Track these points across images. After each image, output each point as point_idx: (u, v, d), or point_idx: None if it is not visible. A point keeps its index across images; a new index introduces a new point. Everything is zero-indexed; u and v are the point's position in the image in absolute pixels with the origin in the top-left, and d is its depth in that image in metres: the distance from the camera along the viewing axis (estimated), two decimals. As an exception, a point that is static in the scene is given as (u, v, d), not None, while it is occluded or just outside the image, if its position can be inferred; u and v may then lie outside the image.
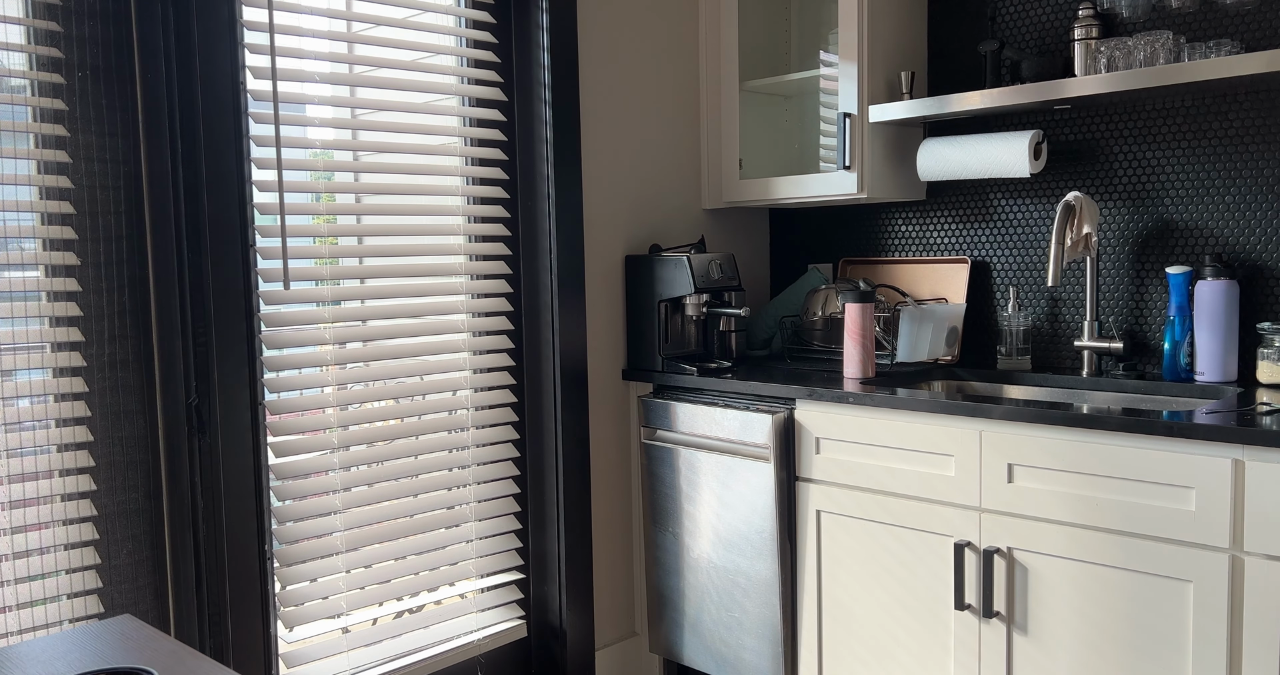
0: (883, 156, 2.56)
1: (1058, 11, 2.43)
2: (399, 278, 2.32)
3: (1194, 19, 2.22)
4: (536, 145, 2.52)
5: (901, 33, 2.58)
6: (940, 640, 2.10)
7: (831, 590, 2.28)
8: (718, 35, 2.81)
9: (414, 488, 2.36)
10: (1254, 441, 1.67)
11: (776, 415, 2.30)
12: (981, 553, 2.01)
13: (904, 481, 2.12)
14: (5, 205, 1.79)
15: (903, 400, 2.11)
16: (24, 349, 1.84)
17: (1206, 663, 1.75)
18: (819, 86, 2.80)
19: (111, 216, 1.92)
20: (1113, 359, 2.36)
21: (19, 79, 1.84)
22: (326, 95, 2.17)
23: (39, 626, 1.84)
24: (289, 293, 2.11)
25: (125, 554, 1.96)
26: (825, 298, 2.65)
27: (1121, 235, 2.39)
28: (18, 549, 1.83)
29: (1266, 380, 2.09)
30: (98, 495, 1.92)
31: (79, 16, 1.87)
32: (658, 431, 2.58)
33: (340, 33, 2.18)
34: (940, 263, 2.68)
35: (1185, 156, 2.28)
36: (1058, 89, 2.20)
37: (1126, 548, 1.83)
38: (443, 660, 2.41)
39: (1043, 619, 1.95)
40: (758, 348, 2.88)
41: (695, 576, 2.52)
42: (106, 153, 1.91)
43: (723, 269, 2.60)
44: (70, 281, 1.87)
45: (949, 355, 2.53)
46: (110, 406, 1.93)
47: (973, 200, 2.62)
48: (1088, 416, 1.86)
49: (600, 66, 2.62)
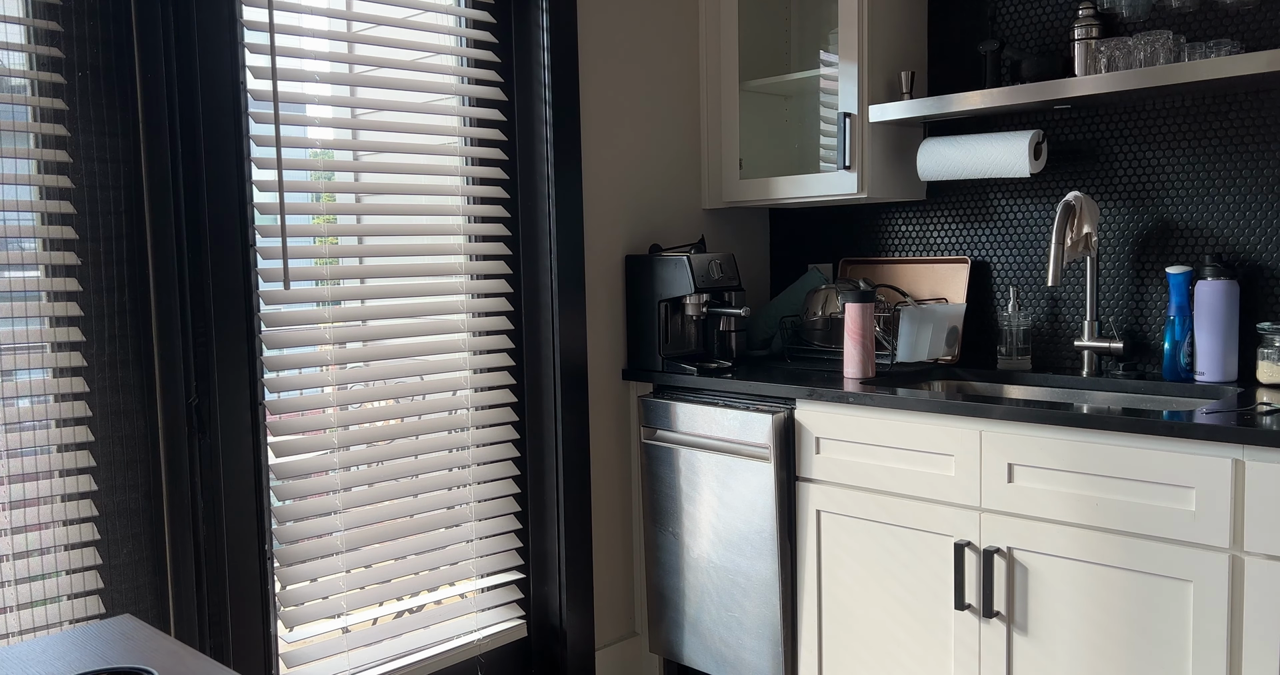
0: (883, 156, 2.56)
1: (1058, 11, 2.43)
2: (399, 278, 2.32)
3: (1194, 19, 2.22)
4: (536, 145, 2.52)
5: (901, 33, 2.58)
6: (940, 640, 2.10)
7: (831, 590, 2.28)
8: (718, 35, 2.81)
9: (414, 488, 2.36)
10: (1254, 441, 1.67)
11: (776, 415, 2.30)
12: (981, 553, 2.01)
13: (904, 481, 2.12)
14: (5, 205, 1.79)
15: (903, 400, 2.11)
16: (24, 349, 1.84)
17: (1206, 663, 1.75)
18: (819, 86, 2.80)
19: (111, 216, 1.92)
20: (1113, 359, 2.36)
21: (19, 79, 1.84)
22: (326, 95, 2.17)
23: (39, 627, 1.84)
24: (289, 292, 2.11)
25: (125, 554, 1.96)
26: (825, 298, 2.65)
27: (1121, 235, 2.39)
28: (18, 549, 1.83)
29: (1266, 380, 2.09)
30: (98, 495, 1.92)
31: (79, 16, 1.87)
32: (658, 431, 2.58)
33: (340, 32, 2.18)
34: (940, 263, 2.68)
35: (1185, 156, 2.28)
36: (1058, 89, 2.20)
37: (1127, 548, 1.83)
38: (443, 660, 2.41)
39: (1043, 619, 1.95)
40: (758, 348, 2.88)
41: (695, 576, 2.52)
42: (106, 153, 1.91)
43: (723, 269, 2.60)
44: (70, 281, 1.87)
45: (949, 355, 2.53)
46: (110, 406, 1.93)
47: (973, 200, 2.62)
48: (1088, 416, 1.86)
49: (600, 66, 2.62)
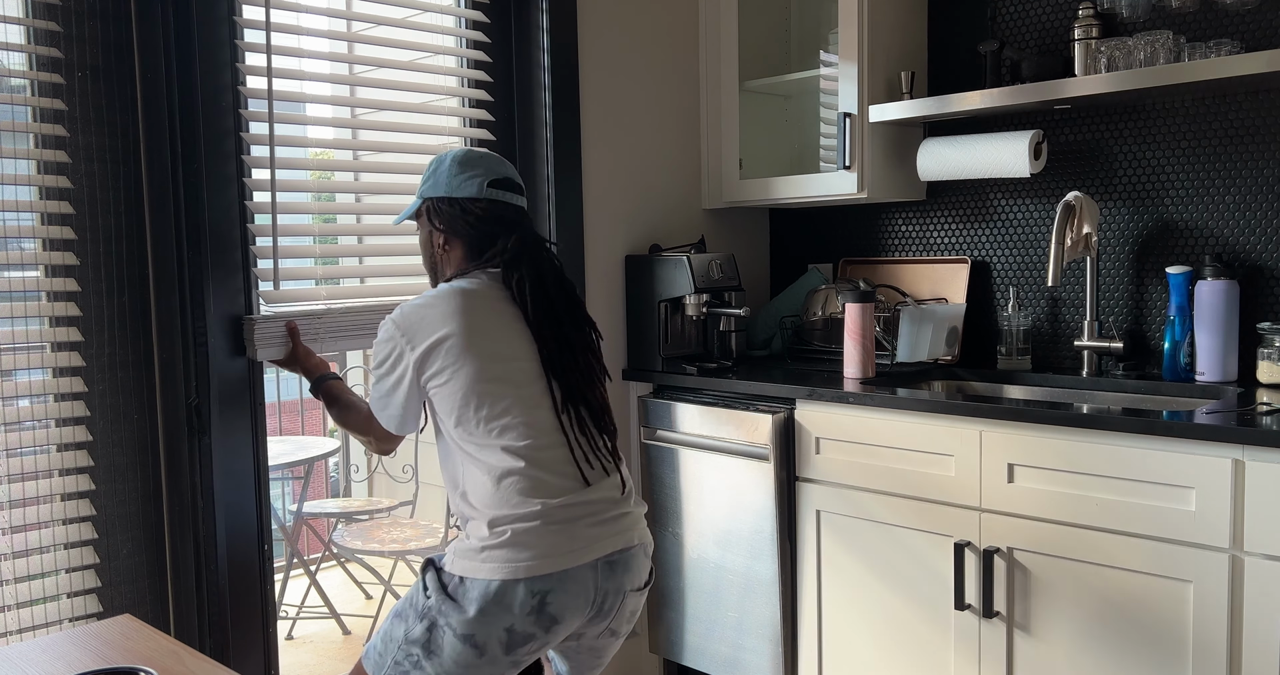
0: (883, 156, 2.56)
1: (1058, 11, 2.43)
2: (399, 277, 2.32)
3: (1194, 19, 2.22)
4: (536, 145, 2.52)
5: (901, 33, 2.58)
6: (940, 641, 2.10)
7: (831, 590, 2.28)
8: (718, 35, 2.81)
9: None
10: (1254, 441, 1.67)
11: (776, 415, 2.30)
12: (982, 553, 2.01)
13: (904, 481, 2.12)
14: (5, 205, 1.79)
15: (903, 400, 2.11)
16: (24, 349, 1.84)
17: (1206, 663, 1.75)
18: (819, 86, 2.80)
19: (111, 216, 1.92)
20: (1113, 359, 2.36)
21: (19, 79, 1.84)
22: (325, 95, 2.17)
23: (38, 626, 1.84)
24: (289, 292, 2.11)
25: (125, 554, 1.96)
26: (825, 298, 2.65)
27: (1121, 235, 2.39)
28: (17, 548, 1.83)
29: (1266, 380, 2.09)
30: (97, 495, 1.92)
31: (79, 16, 1.87)
32: (658, 431, 2.58)
33: (339, 32, 2.18)
34: (940, 263, 2.68)
35: (1185, 156, 2.28)
36: (1058, 89, 2.19)
37: (1127, 548, 1.83)
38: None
39: (1043, 619, 1.95)
40: (758, 348, 2.88)
41: (695, 576, 2.52)
42: (106, 153, 1.91)
43: (723, 269, 2.60)
44: (70, 281, 1.87)
45: (949, 355, 2.53)
46: (110, 406, 1.93)
47: (973, 200, 2.62)
48: (1088, 416, 1.86)
49: (600, 66, 2.62)
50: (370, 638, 1.71)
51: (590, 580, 1.61)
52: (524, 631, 1.57)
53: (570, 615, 1.60)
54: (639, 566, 1.70)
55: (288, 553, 3.71)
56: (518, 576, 1.56)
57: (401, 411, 1.68)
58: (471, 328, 1.63)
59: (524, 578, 1.56)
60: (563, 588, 1.58)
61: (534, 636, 1.58)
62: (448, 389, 1.62)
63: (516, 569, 1.56)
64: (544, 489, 1.60)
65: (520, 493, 1.59)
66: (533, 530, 1.58)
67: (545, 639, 1.60)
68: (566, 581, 1.58)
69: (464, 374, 1.61)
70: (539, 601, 1.56)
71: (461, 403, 1.62)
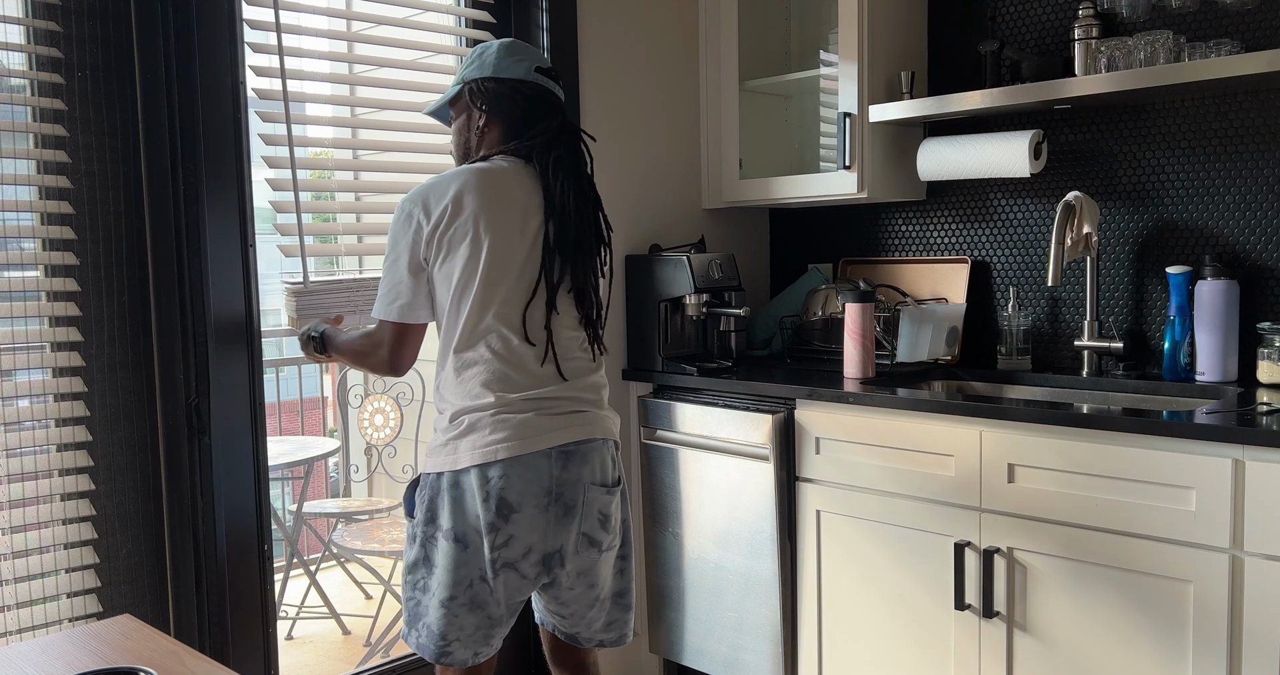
0: (883, 156, 2.56)
1: (1058, 11, 2.43)
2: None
3: (1194, 19, 2.22)
4: (536, 145, 2.52)
5: (901, 33, 2.58)
6: (940, 640, 2.10)
7: (831, 590, 2.28)
8: (718, 35, 2.81)
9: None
10: (1254, 441, 1.67)
11: (776, 415, 2.30)
12: (982, 553, 2.01)
13: (904, 481, 2.12)
14: (5, 205, 1.79)
15: (903, 400, 2.11)
16: (24, 349, 1.84)
17: (1206, 663, 1.75)
18: (819, 86, 2.80)
19: (111, 216, 1.92)
20: (1113, 359, 2.36)
21: (19, 79, 1.84)
22: (326, 94, 2.17)
23: (38, 626, 1.84)
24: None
25: (125, 554, 1.96)
26: (825, 298, 2.65)
27: (1121, 235, 2.39)
28: (17, 548, 1.83)
29: (1266, 380, 2.09)
30: (97, 495, 1.92)
31: (79, 16, 1.87)
32: (658, 431, 2.58)
33: (340, 32, 2.18)
34: (940, 263, 2.68)
35: (1185, 156, 2.28)
36: (1058, 89, 2.19)
37: (1127, 548, 1.83)
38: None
39: (1043, 619, 1.95)
40: (758, 348, 2.88)
41: (695, 576, 2.52)
42: (106, 153, 1.91)
43: (723, 269, 2.60)
44: (70, 281, 1.87)
45: (949, 355, 2.53)
46: (110, 406, 1.93)
47: (973, 200, 2.62)
48: (1088, 416, 1.86)
49: (600, 67, 2.62)
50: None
51: (544, 467, 1.65)
52: (488, 521, 1.62)
53: (526, 504, 1.64)
54: (599, 460, 1.73)
55: (287, 553, 3.71)
56: (472, 463, 1.62)
57: (410, 295, 1.70)
58: (484, 204, 1.67)
59: (477, 464, 1.62)
60: (514, 472, 1.63)
61: (497, 528, 1.63)
62: (447, 268, 1.66)
63: (473, 455, 1.62)
64: (506, 383, 1.65)
65: (482, 385, 1.65)
66: (485, 420, 1.63)
67: (510, 531, 1.63)
68: (517, 466, 1.63)
69: (463, 253, 1.65)
70: (492, 487, 1.62)
71: (459, 285, 1.66)
